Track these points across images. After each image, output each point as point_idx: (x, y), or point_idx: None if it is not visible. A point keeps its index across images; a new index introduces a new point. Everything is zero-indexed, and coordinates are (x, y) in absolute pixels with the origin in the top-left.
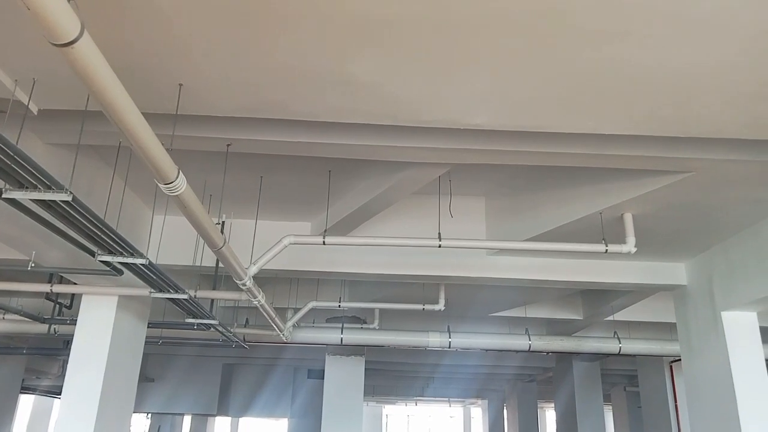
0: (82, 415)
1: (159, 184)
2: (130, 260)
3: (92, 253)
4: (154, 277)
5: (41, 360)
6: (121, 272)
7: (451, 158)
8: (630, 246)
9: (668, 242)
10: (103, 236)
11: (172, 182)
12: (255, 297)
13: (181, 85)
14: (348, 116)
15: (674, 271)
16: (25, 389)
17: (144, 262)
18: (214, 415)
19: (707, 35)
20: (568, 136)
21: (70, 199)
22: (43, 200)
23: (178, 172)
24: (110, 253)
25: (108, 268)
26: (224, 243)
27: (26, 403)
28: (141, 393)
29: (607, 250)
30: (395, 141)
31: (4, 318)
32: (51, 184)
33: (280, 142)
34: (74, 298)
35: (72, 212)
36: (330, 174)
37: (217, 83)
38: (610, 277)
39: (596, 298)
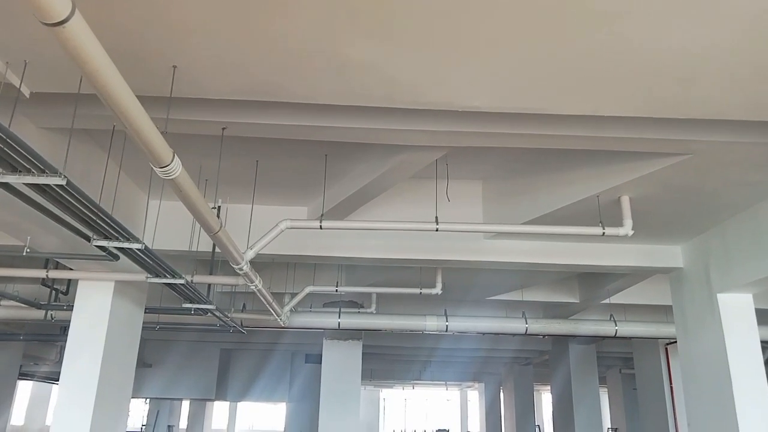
0: (81, 400)
1: (154, 168)
2: (125, 245)
3: (88, 238)
4: (151, 262)
5: (39, 346)
6: (117, 257)
7: (448, 141)
8: (627, 229)
9: (665, 225)
10: (98, 221)
11: (167, 165)
12: (252, 282)
13: (175, 67)
14: (345, 99)
15: (671, 254)
16: (24, 375)
17: (140, 247)
18: (213, 400)
19: (707, 15)
20: (565, 118)
21: (64, 182)
22: (37, 184)
23: (173, 156)
24: (106, 238)
25: (104, 254)
26: (220, 227)
27: (24, 389)
28: (139, 378)
29: (604, 233)
30: (392, 124)
31: (0, 304)
32: (45, 168)
33: (275, 126)
34: (70, 284)
35: (66, 196)
36: (326, 158)
37: (211, 65)
38: (607, 260)
39: (592, 282)
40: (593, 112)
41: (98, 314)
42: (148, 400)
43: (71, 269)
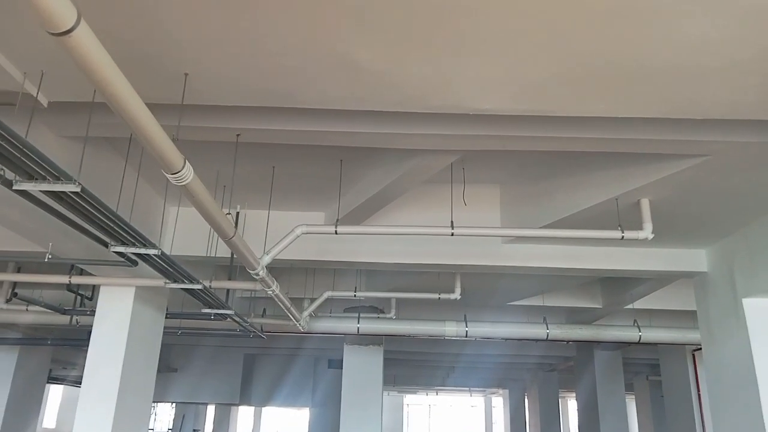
0: (102, 405)
1: (166, 175)
2: (143, 251)
3: (106, 245)
4: (168, 268)
5: (67, 351)
6: (135, 263)
7: (462, 145)
8: (647, 232)
9: (688, 228)
10: (115, 227)
11: (178, 172)
12: (269, 287)
13: (186, 74)
14: (355, 104)
15: (694, 258)
16: (54, 380)
17: (157, 253)
18: (237, 405)
19: (724, 12)
20: (581, 120)
21: (78, 189)
22: (54, 192)
23: (185, 162)
24: (123, 244)
25: (122, 259)
26: (235, 233)
27: (56, 393)
28: (165, 383)
29: (623, 236)
30: (405, 128)
31: (27, 309)
32: (60, 176)
33: (289, 132)
34: (95, 290)
35: (82, 203)
36: (341, 163)
37: (222, 72)
38: (629, 265)
39: (615, 286)
40: (607, 113)
41: (119, 319)
42: (174, 404)
43: (93, 275)
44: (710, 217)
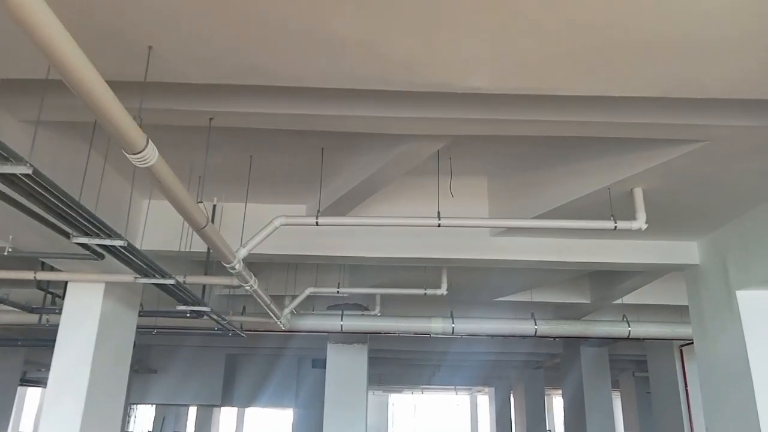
0: (70, 407)
1: (127, 156)
2: (107, 242)
3: (67, 235)
4: (138, 261)
5: (43, 352)
6: (102, 256)
7: (450, 130)
8: (640, 222)
9: (680, 220)
10: (76, 216)
11: (140, 152)
12: (246, 282)
13: (150, 47)
14: (335, 81)
15: (686, 250)
16: (30, 382)
17: (123, 244)
18: (219, 406)
19: None
20: (574, 102)
21: (30, 172)
22: (3, 175)
23: (147, 141)
24: (86, 234)
25: (87, 252)
26: (207, 222)
27: (34, 396)
28: (144, 384)
29: (616, 227)
30: (390, 111)
31: None
32: (9, 156)
33: (266, 115)
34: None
35: (37, 188)
36: (323, 152)
37: (191, 45)
38: (619, 258)
39: (604, 281)
40: (603, 92)
41: (88, 317)
42: (154, 406)
43: (60, 271)
44: (703, 208)
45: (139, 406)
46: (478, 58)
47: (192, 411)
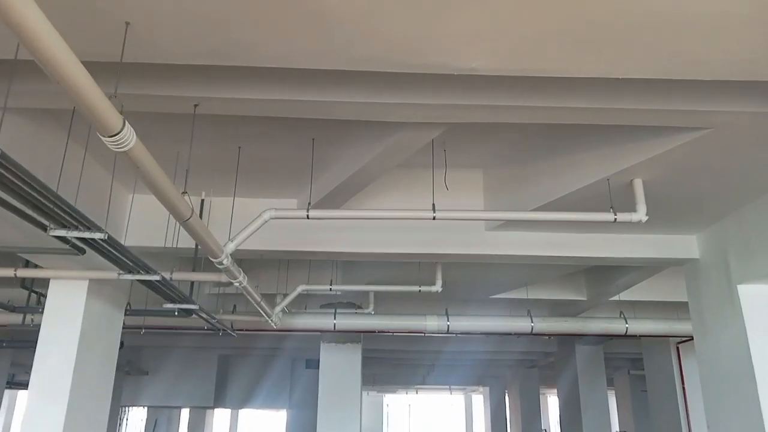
0: (52, 409)
1: (103, 139)
2: (87, 235)
3: (44, 228)
4: (120, 256)
5: (29, 354)
6: (82, 251)
7: (446, 117)
8: (641, 214)
9: (680, 212)
10: (52, 206)
11: (116, 134)
12: (235, 278)
13: (128, 23)
14: (325, 61)
15: (686, 244)
16: (19, 385)
17: (103, 237)
18: (212, 408)
19: None
20: (574, 87)
21: None
22: None
23: (124, 123)
24: (63, 227)
25: (67, 246)
26: (192, 214)
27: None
28: (136, 386)
29: (616, 219)
30: (383, 97)
31: None
32: None
33: (254, 101)
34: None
35: (5, 173)
36: (314, 142)
37: (171, 21)
38: (617, 252)
39: (601, 277)
40: (605, 74)
41: (70, 315)
42: (146, 408)
43: (41, 267)
44: (704, 200)
45: (130, 408)
46: (476, 36)
47: (185, 413)
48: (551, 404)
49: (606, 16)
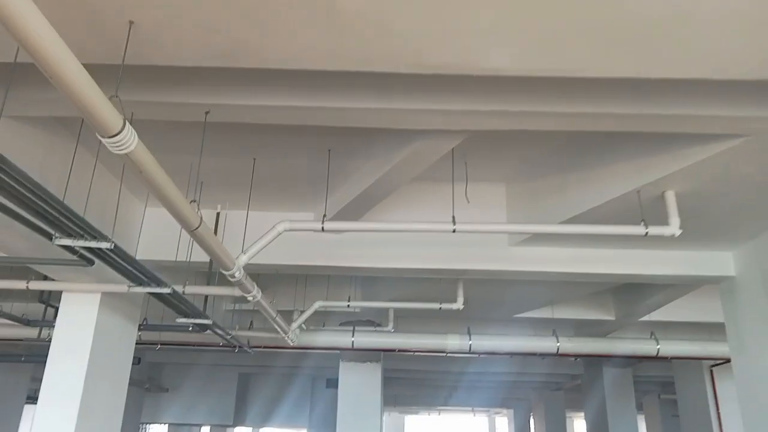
0: (60, 424)
1: (103, 141)
2: (93, 244)
3: (50, 237)
4: (129, 267)
5: None
6: (91, 262)
7: (467, 124)
8: (674, 228)
9: (715, 228)
10: (57, 215)
11: (116, 135)
12: (249, 292)
13: (131, 22)
14: (337, 62)
15: (721, 261)
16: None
17: (109, 246)
18: (231, 426)
19: None
20: (602, 90)
21: None
22: None
23: (125, 123)
24: (69, 236)
25: (75, 257)
26: (201, 223)
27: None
28: (156, 403)
29: (647, 232)
30: (400, 103)
31: None
32: None
33: (265, 108)
34: None
35: (9, 180)
36: (330, 153)
37: (176, 19)
38: (648, 269)
39: (630, 296)
40: (636, 74)
41: (82, 329)
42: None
43: (54, 280)
44: (741, 214)
45: (151, 425)
46: (496, 36)
47: (205, 431)
48: (578, 428)
49: (638, 10)
